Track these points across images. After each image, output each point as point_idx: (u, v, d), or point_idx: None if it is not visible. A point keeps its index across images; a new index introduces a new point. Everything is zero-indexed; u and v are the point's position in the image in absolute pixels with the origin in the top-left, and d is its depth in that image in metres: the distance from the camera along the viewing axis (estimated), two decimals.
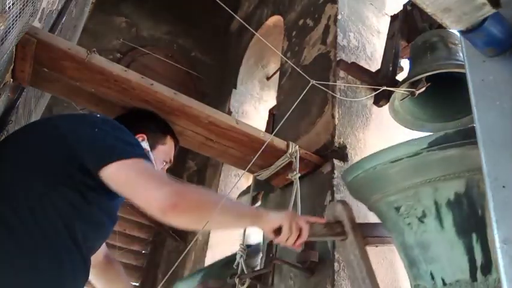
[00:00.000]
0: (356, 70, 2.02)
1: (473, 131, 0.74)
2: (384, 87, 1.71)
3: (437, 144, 1.05)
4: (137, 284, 3.50)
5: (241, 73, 3.61)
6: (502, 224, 0.61)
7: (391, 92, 1.72)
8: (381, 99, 1.88)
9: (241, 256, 1.79)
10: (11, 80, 1.35)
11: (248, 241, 2.00)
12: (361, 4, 2.41)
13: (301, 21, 2.66)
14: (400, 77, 1.86)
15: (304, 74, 1.52)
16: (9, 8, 0.90)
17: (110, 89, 1.45)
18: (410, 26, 2.00)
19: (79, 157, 1.04)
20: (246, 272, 1.75)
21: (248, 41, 3.68)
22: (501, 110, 0.69)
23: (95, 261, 1.29)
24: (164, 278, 1.41)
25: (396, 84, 1.75)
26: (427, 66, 1.61)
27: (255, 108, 3.57)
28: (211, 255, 2.74)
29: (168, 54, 4.07)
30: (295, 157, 1.70)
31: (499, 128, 0.68)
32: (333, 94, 1.88)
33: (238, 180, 2.53)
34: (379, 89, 1.74)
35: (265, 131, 2.22)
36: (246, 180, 2.58)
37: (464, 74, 0.82)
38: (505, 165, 0.65)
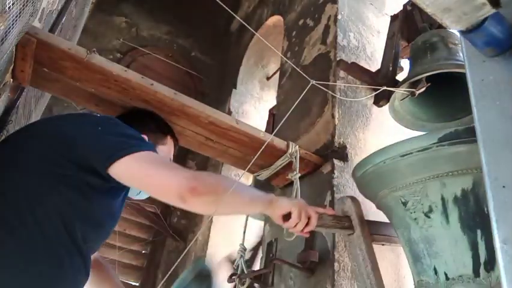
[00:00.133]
0: (356, 70, 2.02)
1: None
2: (384, 87, 1.71)
3: (447, 140, 1.07)
4: (137, 284, 3.50)
5: (241, 73, 3.61)
6: (502, 224, 0.62)
7: (391, 92, 1.72)
8: (381, 99, 1.88)
9: (241, 256, 1.79)
10: (11, 80, 1.35)
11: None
12: (361, 4, 2.41)
13: (301, 21, 2.66)
14: (400, 77, 1.86)
15: (304, 74, 1.52)
16: (9, 8, 0.90)
17: (110, 89, 1.45)
18: (410, 26, 2.00)
19: (82, 156, 1.03)
20: (245, 272, 1.75)
21: (248, 41, 3.68)
22: (501, 110, 0.69)
23: None
24: (164, 278, 1.40)
25: (396, 84, 1.75)
26: (427, 66, 1.61)
27: (255, 108, 3.57)
28: (211, 255, 2.74)
29: (168, 54, 4.07)
30: (295, 157, 1.70)
31: (499, 128, 0.68)
32: (333, 94, 1.88)
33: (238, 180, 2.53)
34: (379, 89, 1.74)
35: (265, 131, 2.23)
36: (246, 180, 2.58)
37: (464, 74, 0.82)
38: (505, 165, 0.65)
